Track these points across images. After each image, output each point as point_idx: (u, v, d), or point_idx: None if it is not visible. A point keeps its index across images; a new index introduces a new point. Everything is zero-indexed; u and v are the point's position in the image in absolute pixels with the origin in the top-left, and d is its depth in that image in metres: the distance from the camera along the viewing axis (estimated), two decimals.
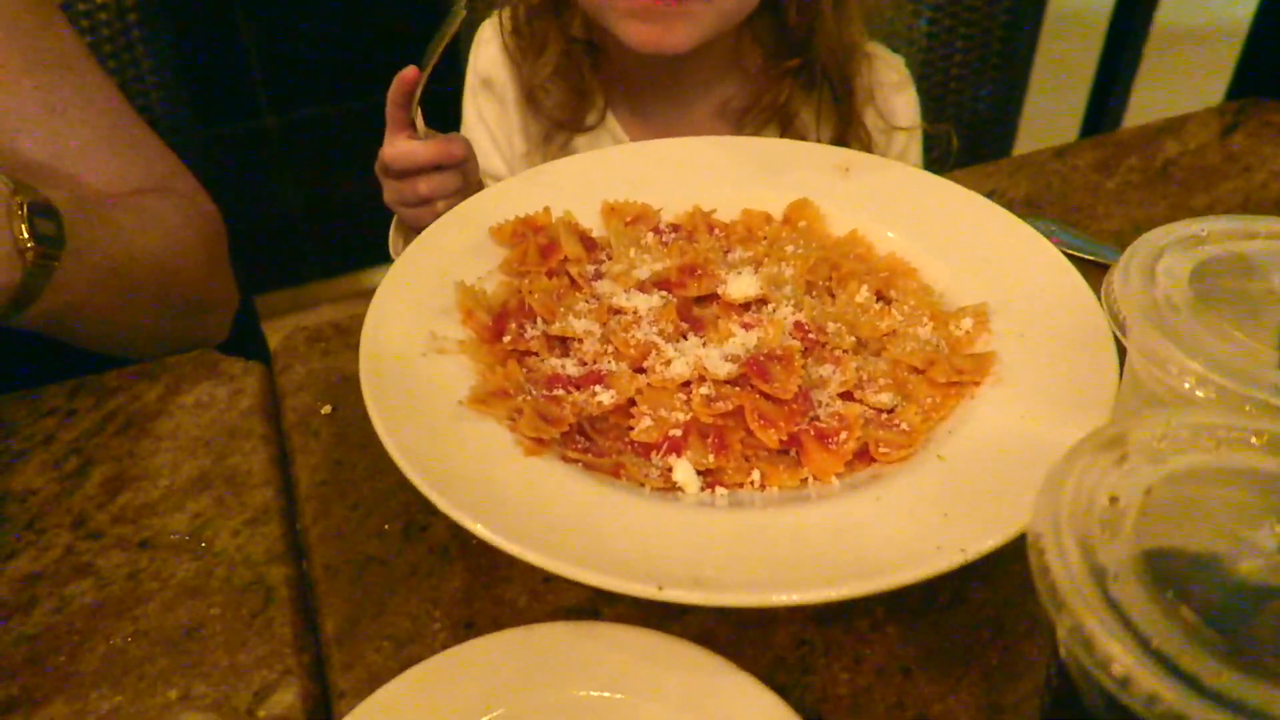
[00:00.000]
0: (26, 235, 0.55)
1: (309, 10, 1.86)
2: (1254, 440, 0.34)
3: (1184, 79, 1.73)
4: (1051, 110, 1.41)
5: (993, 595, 0.47)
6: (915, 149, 0.94)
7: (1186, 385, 0.38)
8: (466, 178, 0.76)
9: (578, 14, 0.83)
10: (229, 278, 0.77)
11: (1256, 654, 0.28)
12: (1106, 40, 1.21)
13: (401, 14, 1.88)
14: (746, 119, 0.88)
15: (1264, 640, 0.30)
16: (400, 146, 0.73)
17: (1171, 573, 0.31)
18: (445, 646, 0.44)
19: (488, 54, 0.88)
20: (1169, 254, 0.42)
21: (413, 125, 0.74)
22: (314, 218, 2.09)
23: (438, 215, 0.61)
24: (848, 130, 0.87)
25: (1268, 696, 0.26)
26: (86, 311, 0.62)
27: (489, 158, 0.89)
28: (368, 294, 0.55)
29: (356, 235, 2.00)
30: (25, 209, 0.55)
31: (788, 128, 0.88)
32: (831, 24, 0.82)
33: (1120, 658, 0.27)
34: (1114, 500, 0.32)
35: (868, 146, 0.89)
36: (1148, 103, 1.39)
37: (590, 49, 0.85)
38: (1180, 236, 0.43)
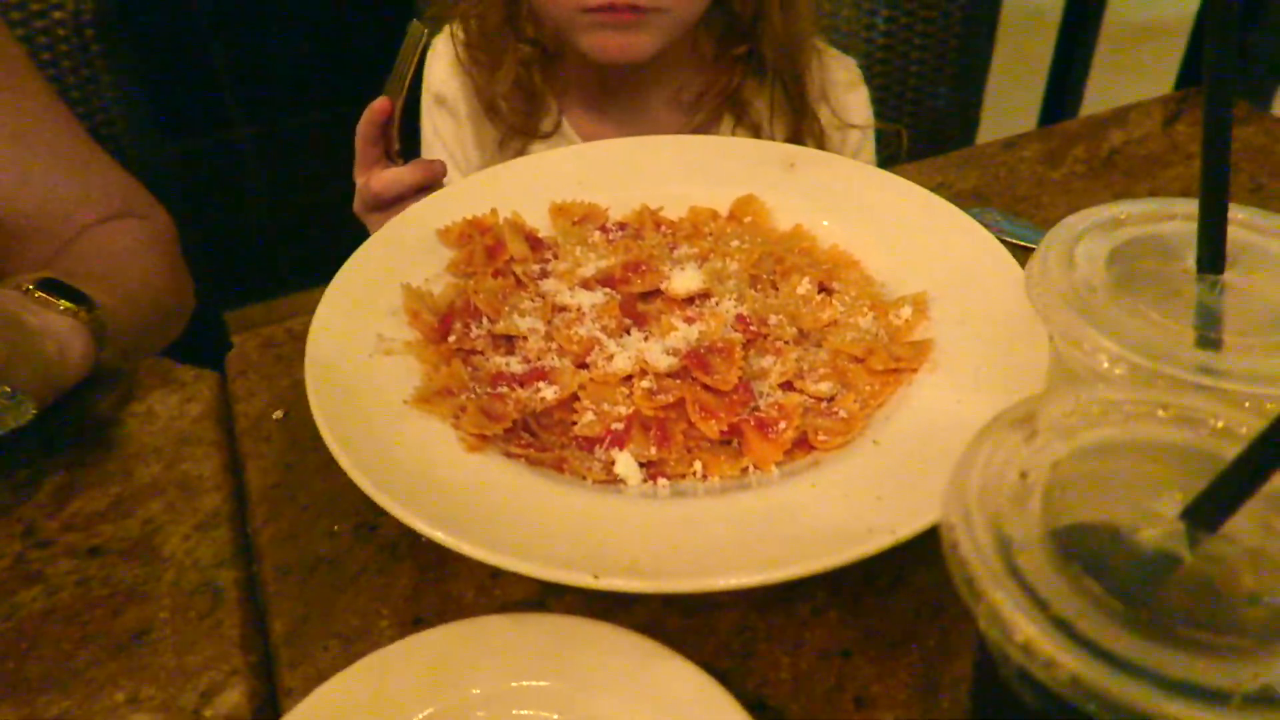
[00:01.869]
0: (65, 305, 0.58)
1: (277, 23, 1.86)
2: (1161, 414, 0.35)
3: (1136, 73, 1.76)
4: (1009, 107, 1.43)
5: (931, 577, 0.48)
6: (869, 147, 0.95)
7: (1104, 364, 0.39)
8: None
9: (530, 24, 0.83)
10: (188, 281, 0.78)
11: (1167, 622, 0.29)
12: (1060, 36, 1.23)
13: (372, 24, 1.88)
14: (699, 107, 0.89)
15: (1172, 608, 0.30)
16: (385, 176, 0.73)
17: (1079, 545, 0.31)
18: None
19: (439, 70, 0.88)
20: (1088, 238, 0.43)
21: (387, 156, 0.75)
22: (286, 229, 2.09)
23: None
24: (801, 124, 0.88)
25: (1164, 658, 0.27)
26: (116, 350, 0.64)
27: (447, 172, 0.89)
28: None
29: (330, 246, 2.00)
30: (45, 293, 0.58)
31: (741, 118, 0.89)
32: (777, 12, 0.83)
33: (1022, 626, 0.28)
34: (1023, 476, 0.33)
35: (821, 142, 0.90)
36: (1102, 97, 1.41)
37: (543, 56, 0.85)
38: (1098, 220, 0.44)
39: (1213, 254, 0.41)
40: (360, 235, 0.82)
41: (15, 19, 0.99)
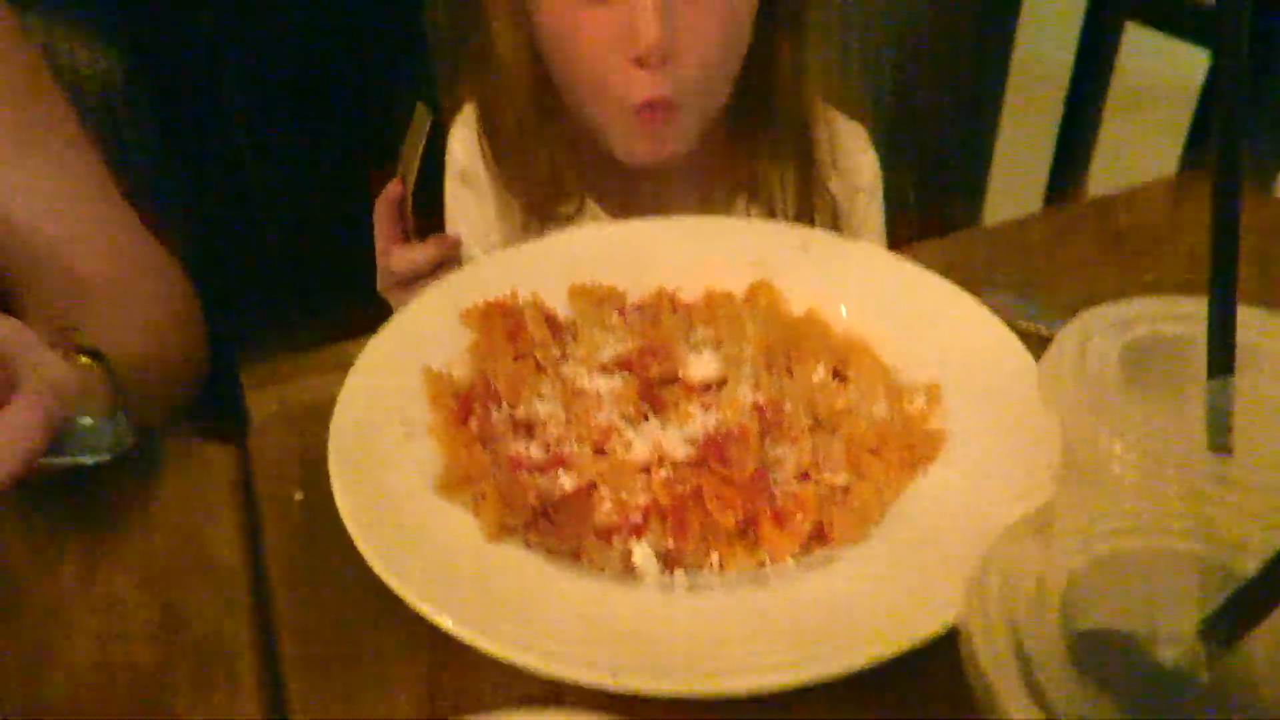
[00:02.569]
0: (84, 360, 0.57)
1: (302, 87, 1.91)
2: (1174, 524, 0.35)
3: (1144, 134, 1.79)
4: (1018, 170, 1.45)
5: (950, 667, 0.48)
6: (876, 211, 0.97)
7: (1116, 468, 0.39)
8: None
9: (553, 121, 0.85)
10: (201, 341, 0.79)
11: None
12: (1068, 98, 1.26)
13: (396, 92, 1.92)
14: (717, 184, 0.91)
15: None
16: (404, 255, 0.76)
17: (1097, 657, 0.32)
18: None
19: (462, 148, 0.90)
20: (1099, 336, 0.44)
21: (405, 235, 0.77)
22: (303, 287, 2.12)
23: None
24: (812, 192, 0.90)
25: None
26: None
27: (469, 248, 0.91)
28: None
29: (347, 303, 2.03)
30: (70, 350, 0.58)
31: (756, 194, 0.91)
32: (790, 97, 0.85)
33: None
34: (1040, 584, 0.34)
35: (834, 209, 0.91)
36: (1111, 159, 1.44)
37: (567, 140, 0.87)
38: (1110, 318, 0.45)
39: (1222, 358, 0.42)
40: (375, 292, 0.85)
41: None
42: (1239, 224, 0.41)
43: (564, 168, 0.86)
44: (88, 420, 0.53)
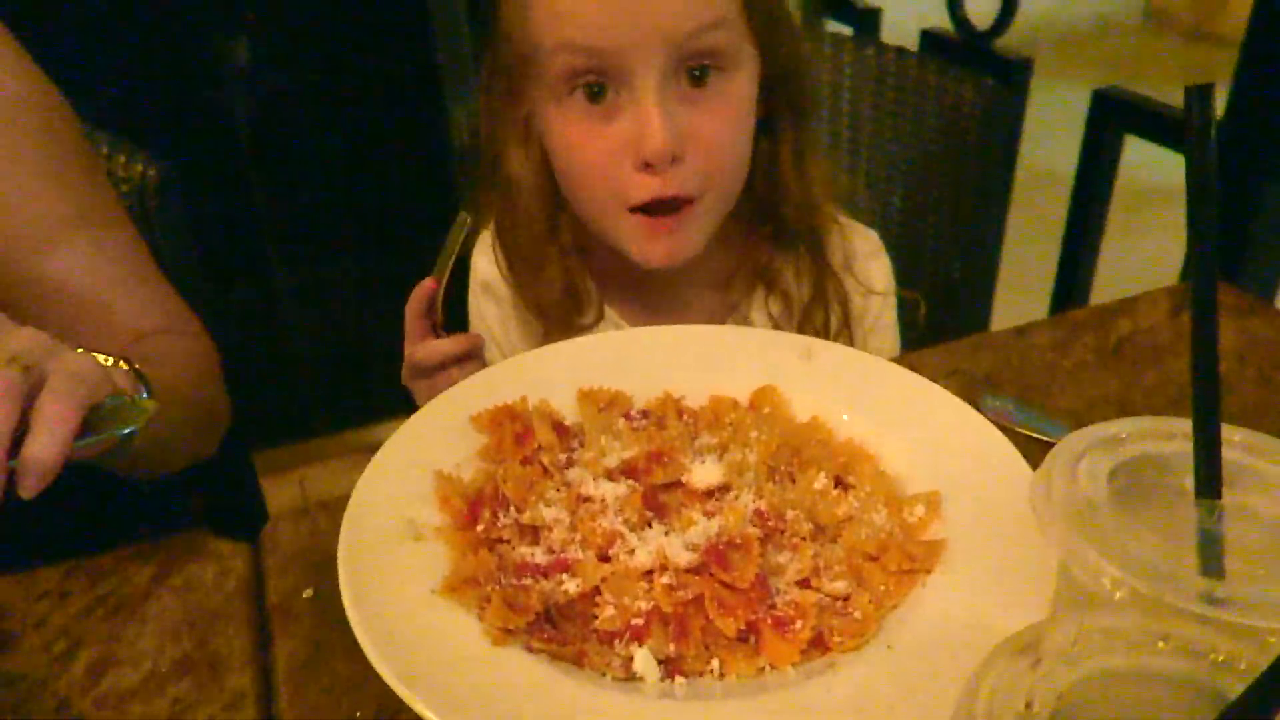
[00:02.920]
0: (122, 364, 0.64)
1: (317, 178, 1.98)
2: (1162, 644, 0.36)
3: (1149, 235, 1.82)
4: (1024, 272, 1.48)
5: None
6: (890, 313, 0.98)
7: (1106, 586, 0.40)
8: (487, 365, 0.82)
9: (569, 231, 0.88)
10: (226, 400, 0.86)
11: None
12: (1073, 201, 1.29)
13: (407, 180, 1.99)
14: (733, 284, 0.93)
15: None
16: (430, 348, 0.80)
17: None
18: None
19: (485, 261, 0.93)
20: (1090, 456, 0.45)
21: (434, 330, 0.81)
22: (319, 374, 2.16)
23: None
24: (826, 288, 0.92)
25: None
26: (156, 445, 0.69)
27: (492, 355, 0.94)
28: (371, 449, 0.59)
29: (363, 390, 2.07)
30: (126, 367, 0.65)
31: (773, 288, 0.93)
32: (795, 185, 0.88)
33: None
34: (1029, 706, 0.34)
35: (847, 307, 0.93)
36: (1116, 259, 1.46)
37: (581, 252, 0.90)
38: (1100, 437, 0.46)
39: (1209, 481, 0.43)
40: (391, 379, 0.87)
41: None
42: (1218, 356, 0.43)
43: (580, 279, 0.89)
44: (113, 401, 0.57)
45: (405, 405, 0.85)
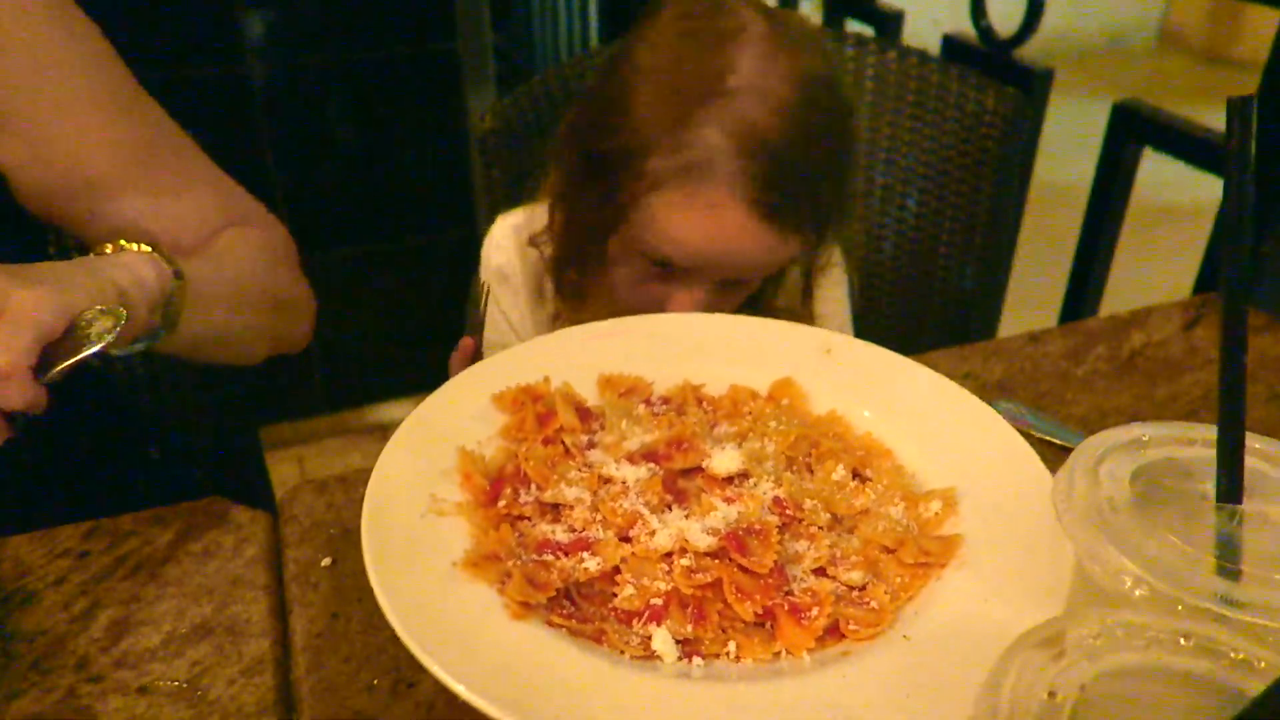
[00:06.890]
0: (141, 248, 0.65)
1: (330, 159, 1.99)
2: (1182, 641, 0.37)
3: (1160, 254, 1.82)
4: (1035, 283, 1.48)
5: None
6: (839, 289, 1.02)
7: (1125, 584, 0.41)
8: None
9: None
10: (306, 284, 0.86)
11: None
12: (1086, 217, 1.29)
13: (422, 166, 2.00)
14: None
15: None
16: None
17: None
18: None
19: (499, 254, 0.98)
20: (1111, 457, 0.46)
21: None
22: (324, 355, 2.16)
23: None
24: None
25: None
26: (221, 332, 0.72)
27: (506, 338, 0.98)
28: (374, 429, 0.59)
29: (362, 372, 2.07)
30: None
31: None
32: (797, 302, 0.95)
33: None
34: (1052, 696, 0.35)
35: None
36: (1128, 276, 1.47)
37: None
38: (1122, 440, 0.47)
39: (1231, 486, 0.43)
40: (401, 362, 0.88)
41: None
42: (1245, 365, 0.43)
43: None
44: (89, 314, 0.56)
45: (405, 389, 0.87)
